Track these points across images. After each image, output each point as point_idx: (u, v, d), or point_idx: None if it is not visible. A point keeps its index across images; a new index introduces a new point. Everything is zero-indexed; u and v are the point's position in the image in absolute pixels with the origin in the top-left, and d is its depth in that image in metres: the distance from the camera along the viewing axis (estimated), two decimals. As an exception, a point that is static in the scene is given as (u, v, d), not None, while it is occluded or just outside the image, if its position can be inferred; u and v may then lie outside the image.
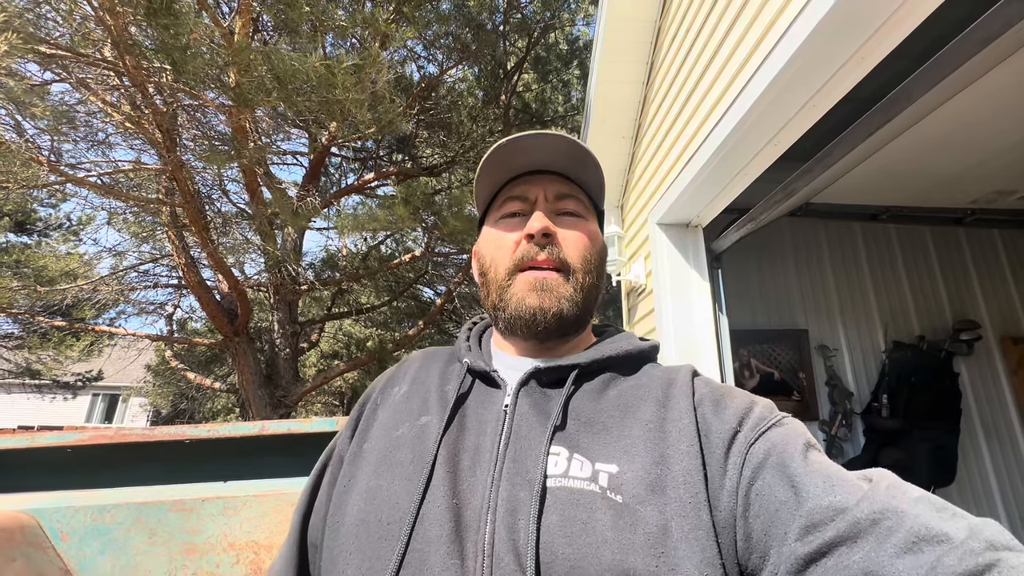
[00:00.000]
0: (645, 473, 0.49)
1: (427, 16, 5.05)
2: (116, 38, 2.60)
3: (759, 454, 0.48)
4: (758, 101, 1.62)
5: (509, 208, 0.68)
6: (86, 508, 1.06)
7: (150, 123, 3.27)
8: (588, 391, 0.59)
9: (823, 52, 1.39)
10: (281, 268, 4.91)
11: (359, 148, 6.96)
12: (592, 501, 0.48)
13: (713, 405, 0.55)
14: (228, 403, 10.82)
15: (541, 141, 0.65)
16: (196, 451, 1.14)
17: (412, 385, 0.66)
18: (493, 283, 0.66)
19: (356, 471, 0.58)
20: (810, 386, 3.11)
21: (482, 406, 0.59)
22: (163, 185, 4.27)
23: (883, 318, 3.26)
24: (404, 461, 0.55)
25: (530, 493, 0.49)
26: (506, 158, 0.67)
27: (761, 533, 0.45)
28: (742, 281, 3.17)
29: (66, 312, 5.81)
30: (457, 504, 0.50)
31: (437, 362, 0.69)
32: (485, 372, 0.62)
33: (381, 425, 0.62)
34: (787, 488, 0.45)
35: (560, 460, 0.51)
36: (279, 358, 5.84)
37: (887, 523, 0.39)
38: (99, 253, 6.24)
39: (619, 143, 3.16)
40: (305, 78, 2.71)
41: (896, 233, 3.42)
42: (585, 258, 0.65)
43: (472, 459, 0.54)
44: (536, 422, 0.55)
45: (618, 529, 0.45)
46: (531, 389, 0.59)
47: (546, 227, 0.62)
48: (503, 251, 0.65)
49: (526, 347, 0.65)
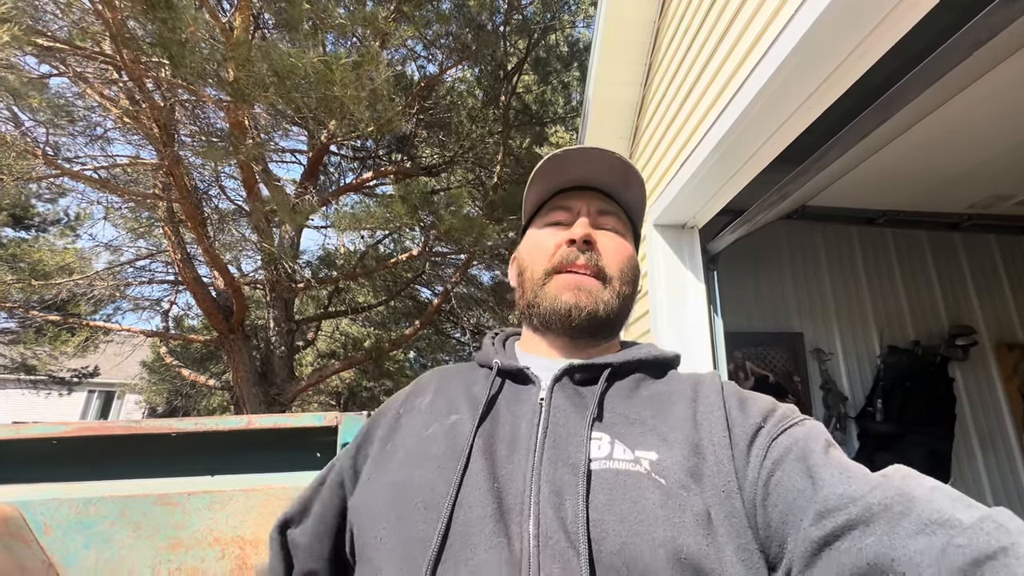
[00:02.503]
0: (684, 460, 0.50)
1: (427, 15, 5.05)
2: (114, 32, 2.60)
3: (781, 447, 0.50)
4: (754, 100, 1.63)
5: (554, 217, 0.71)
6: (71, 501, 1.05)
7: (148, 118, 3.26)
8: (621, 389, 0.60)
9: (819, 51, 1.39)
10: (278, 265, 4.89)
11: (358, 147, 6.96)
12: (639, 481, 0.48)
13: (739, 403, 0.57)
14: (223, 401, 10.79)
15: (592, 156, 0.68)
16: (183, 444, 1.13)
17: (436, 394, 0.66)
18: (529, 282, 0.68)
19: (381, 468, 0.58)
20: (805, 390, 3.11)
21: (515, 402, 0.60)
22: (160, 180, 4.26)
23: (879, 322, 3.26)
24: (436, 454, 0.55)
25: (575, 475, 0.49)
26: (558, 169, 0.70)
27: (779, 521, 0.46)
28: (738, 283, 3.16)
29: (61, 307, 5.79)
30: (499, 488, 0.50)
31: (457, 374, 0.70)
32: (518, 370, 0.62)
33: (408, 429, 0.61)
34: (805, 478, 0.46)
35: (603, 444, 0.52)
36: (274, 356, 5.82)
37: (899, 508, 0.40)
38: (95, 248, 6.22)
39: (617, 144, 3.16)
40: (303, 74, 2.71)
41: (893, 237, 3.42)
42: (622, 269, 0.67)
43: (509, 448, 0.54)
44: (574, 413, 0.56)
45: (668, 508, 0.46)
46: (565, 385, 0.60)
47: (588, 234, 0.65)
48: (542, 253, 0.68)
49: (558, 344, 0.66)
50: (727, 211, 2.36)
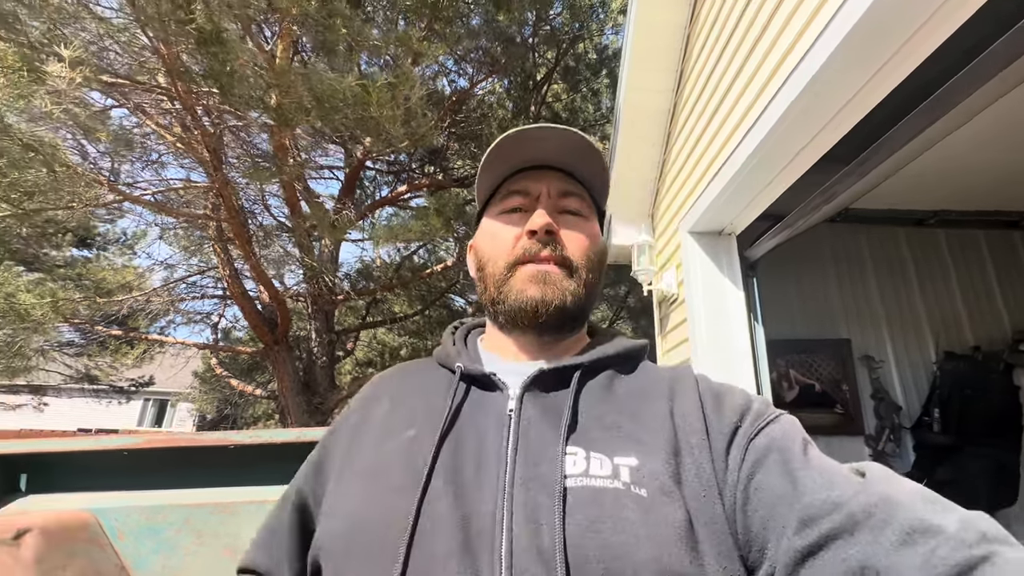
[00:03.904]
0: (665, 465, 0.48)
1: (458, 32, 5.17)
2: (170, 66, 2.79)
3: (759, 448, 0.49)
4: (796, 101, 1.58)
5: (510, 203, 0.65)
6: (141, 508, 1.11)
7: (199, 143, 3.47)
8: (594, 389, 0.57)
9: (867, 46, 1.33)
10: (319, 279, 5.07)
11: (392, 161, 7.14)
12: (618, 498, 0.46)
13: (714, 401, 0.55)
14: (268, 409, 11.19)
15: (548, 134, 0.63)
16: (240, 456, 1.19)
17: (392, 402, 0.61)
18: (491, 277, 0.63)
19: (337, 499, 0.54)
20: (854, 399, 2.98)
21: (480, 412, 0.56)
22: (210, 201, 4.51)
23: (933, 328, 3.10)
24: (393, 478, 0.50)
25: (551, 495, 0.46)
26: (512, 150, 0.64)
27: (760, 527, 0.45)
28: (779, 289, 3.08)
29: (122, 322, 6.17)
30: (464, 515, 0.46)
31: (415, 375, 0.66)
32: (484, 375, 0.58)
33: (364, 447, 0.57)
34: (786, 482, 0.45)
35: (578, 459, 0.49)
36: (316, 366, 6.01)
37: (881, 515, 0.39)
38: (151, 266, 6.62)
39: (648, 151, 3.14)
40: (342, 97, 2.84)
41: (946, 238, 3.25)
42: (588, 256, 0.63)
43: (476, 467, 0.50)
44: (546, 424, 0.52)
45: (649, 525, 0.44)
46: (535, 393, 0.56)
47: (549, 224, 0.60)
48: (502, 246, 0.63)
49: (526, 343, 0.63)
50: (766, 216, 2.31)
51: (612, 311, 10.86)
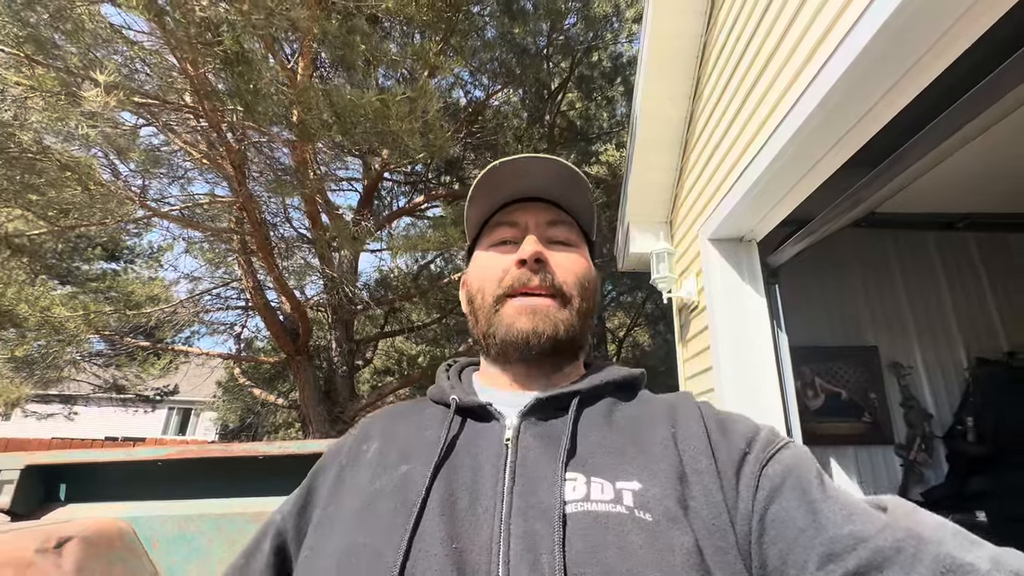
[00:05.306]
0: (670, 490, 0.46)
1: (473, 44, 5.24)
2: (196, 85, 2.89)
3: (774, 478, 0.47)
4: (820, 105, 1.56)
5: (499, 235, 0.65)
6: (174, 518, 1.14)
7: (224, 159, 3.57)
8: (593, 415, 0.56)
9: (899, 41, 1.29)
10: (339, 289, 5.15)
11: (409, 172, 7.24)
12: (622, 523, 0.43)
13: (719, 427, 0.53)
14: (288, 418, 11.33)
15: (531, 165, 0.63)
16: (270, 466, 1.22)
17: (384, 440, 0.59)
18: (481, 310, 0.63)
19: (323, 537, 0.51)
20: (883, 407, 2.91)
21: (476, 443, 0.54)
22: (234, 215, 4.63)
23: (964, 333, 3.02)
24: (384, 513, 0.48)
25: (549, 522, 0.44)
26: (498, 183, 0.64)
27: (778, 560, 0.43)
28: (802, 296, 3.03)
29: (150, 333, 6.34)
30: (459, 549, 0.44)
31: (407, 415, 0.64)
32: (479, 406, 0.57)
33: (355, 484, 0.55)
34: (806, 514, 0.43)
35: (578, 485, 0.47)
36: (337, 375, 6.09)
37: (910, 551, 0.38)
38: (177, 278, 6.80)
39: (666, 158, 3.13)
40: (363, 112, 2.90)
41: (976, 242, 3.17)
42: (580, 284, 0.62)
43: (471, 497, 0.48)
44: (544, 452, 0.51)
45: (655, 549, 0.41)
46: (533, 422, 0.54)
47: (538, 252, 0.60)
48: (492, 278, 0.62)
49: (519, 375, 0.62)
50: (788, 222, 2.28)
51: (630, 318, 10.78)
